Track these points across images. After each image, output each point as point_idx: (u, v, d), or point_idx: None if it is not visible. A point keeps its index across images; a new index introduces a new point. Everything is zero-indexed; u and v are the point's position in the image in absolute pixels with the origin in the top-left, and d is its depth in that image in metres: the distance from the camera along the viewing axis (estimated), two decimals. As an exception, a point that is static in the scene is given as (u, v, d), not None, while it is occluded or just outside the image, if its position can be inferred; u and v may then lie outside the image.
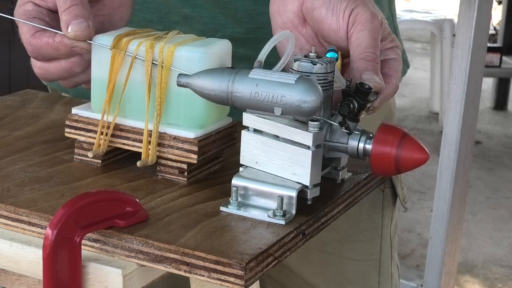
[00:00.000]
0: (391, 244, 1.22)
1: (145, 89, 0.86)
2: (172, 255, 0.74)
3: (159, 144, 0.87)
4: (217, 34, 1.05)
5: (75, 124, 0.91)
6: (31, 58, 0.92)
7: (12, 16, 0.92)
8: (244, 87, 0.80)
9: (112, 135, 0.89)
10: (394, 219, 1.22)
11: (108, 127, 0.88)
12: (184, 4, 1.07)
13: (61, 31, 0.88)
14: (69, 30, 0.86)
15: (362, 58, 0.84)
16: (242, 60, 0.99)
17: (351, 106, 0.83)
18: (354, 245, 1.18)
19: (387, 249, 1.21)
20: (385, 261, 1.21)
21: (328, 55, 0.84)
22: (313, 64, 0.83)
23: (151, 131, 0.86)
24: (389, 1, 1.20)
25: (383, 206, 1.20)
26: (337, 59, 0.84)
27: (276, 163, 0.82)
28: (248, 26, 1.06)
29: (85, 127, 0.90)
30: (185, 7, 1.07)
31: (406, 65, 1.23)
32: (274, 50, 0.85)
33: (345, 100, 0.84)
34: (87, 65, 0.91)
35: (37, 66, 0.92)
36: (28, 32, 0.89)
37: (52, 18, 0.91)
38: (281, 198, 0.79)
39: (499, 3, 5.78)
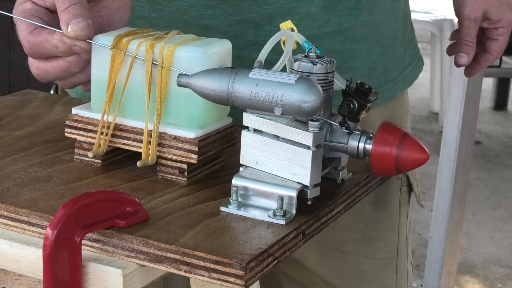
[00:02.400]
0: (407, 241, 1.23)
1: (145, 89, 0.86)
2: (172, 255, 0.74)
3: (159, 144, 0.87)
4: (238, 40, 1.04)
5: (75, 124, 0.90)
6: (29, 59, 0.92)
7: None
8: (244, 87, 0.80)
9: (112, 135, 0.89)
10: (409, 216, 1.24)
11: (108, 127, 0.88)
12: (202, 15, 1.07)
13: (59, 30, 0.88)
14: (69, 29, 0.86)
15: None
16: (264, 65, 1.00)
17: (351, 106, 0.83)
18: (373, 244, 1.19)
19: (403, 247, 1.23)
20: (402, 258, 1.23)
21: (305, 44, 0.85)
22: (313, 64, 0.83)
23: (151, 131, 0.86)
24: (405, 0, 1.21)
25: (400, 204, 1.21)
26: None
27: (276, 163, 0.82)
28: (267, 29, 1.06)
29: (85, 127, 0.90)
30: (203, 18, 1.07)
31: (421, 62, 1.26)
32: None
33: (345, 100, 0.84)
34: (85, 65, 0.90)
35: (34, 66, 0.92)
36: (26, 29, 0.89)
37: (50, 18, 0.91)
38: (281, 198, 0.79)
39: (499, 3, 5.77)
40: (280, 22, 0.93)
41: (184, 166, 0.87)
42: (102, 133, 0.88)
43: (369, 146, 0.83)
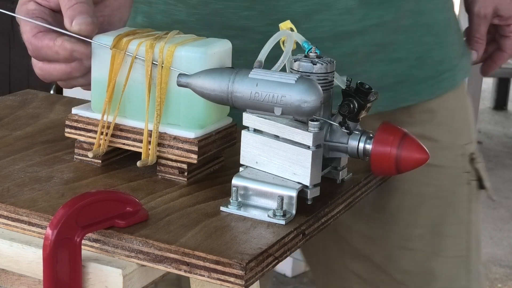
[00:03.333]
0: (478, 240, 1.20)
1: (145, 89, 0.86)
2: (172, 255, 0.74)
3: (159, 144, 0.87)
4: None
5: (75, 124, 0.91)
6: (32, 58, 0.92)
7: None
8: (244, 87, 0.80)
9: (112, 135, 0.89)
10: (479, 214, 1.20)
11: (108, 127, 0.88)
12: (238, 17, 1.07)
13: (63, 30, 0.88)
14: (73, 24, 0.86)
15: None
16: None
17: (351, 106, 0.83)
18: (440, 240, 1.17)
19: (474, 246, 1.19)
20: (473, 258, 1.19)
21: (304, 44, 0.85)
22: (313, 64, 0.83)
23: (151, 131, 0.86)
24: None
25: (469, 200, 1.18)
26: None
27: (276, 163, 0.82)
28: (305, 26, 1.05)
29: (85, 127, 0.90)
30: (240, 19, 1.07)
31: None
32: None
33: (345, 100, 0.84)
34: (86, 71, 0.90)
35: (37, 66, 0.92)
36: (30, 32, 0.89)
37: (54, 18, 0.91)
38: (281, 198, 0.79)
39: (499, 3, 5.77)
40: (317, 19, 0.94)
41: (184, 166, 0.87)
42: (102, 133, 0.88)
43: (369, 146, 0.83)
